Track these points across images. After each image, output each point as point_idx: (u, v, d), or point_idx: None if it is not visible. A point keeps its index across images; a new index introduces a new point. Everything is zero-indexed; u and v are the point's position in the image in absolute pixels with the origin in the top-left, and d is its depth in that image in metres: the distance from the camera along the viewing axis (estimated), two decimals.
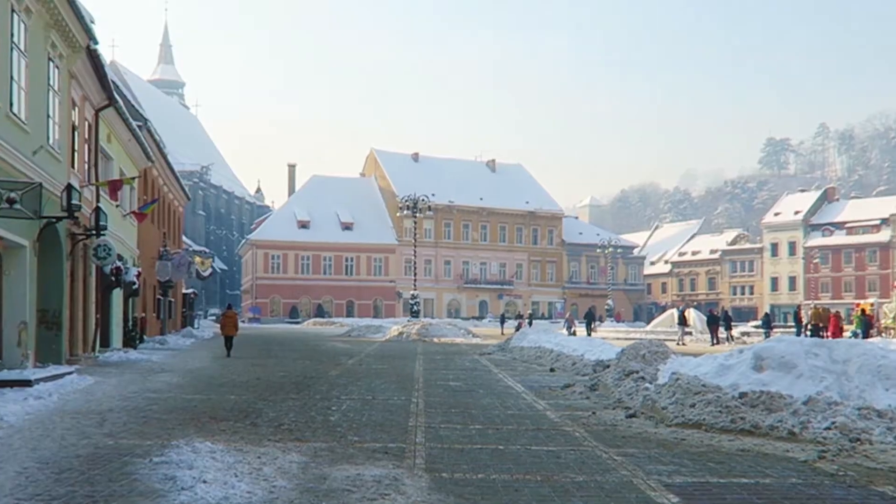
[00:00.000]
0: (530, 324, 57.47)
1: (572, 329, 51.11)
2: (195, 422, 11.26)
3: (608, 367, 17.74)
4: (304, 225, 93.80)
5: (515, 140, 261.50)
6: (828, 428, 10.16)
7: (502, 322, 60.29)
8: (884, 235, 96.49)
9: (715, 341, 39.87)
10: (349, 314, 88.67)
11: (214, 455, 8.36)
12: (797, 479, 7.94)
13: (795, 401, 10.79)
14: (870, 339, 34.29)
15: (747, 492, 7.33)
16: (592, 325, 51.70)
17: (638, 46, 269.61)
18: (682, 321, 43.01)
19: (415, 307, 63.54)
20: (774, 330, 47.67)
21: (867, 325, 37.75)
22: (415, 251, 69.57)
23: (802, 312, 46.00)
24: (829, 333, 34.24)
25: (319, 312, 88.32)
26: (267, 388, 16.01)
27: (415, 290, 65.40)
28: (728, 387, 11.51)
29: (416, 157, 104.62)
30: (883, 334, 38.72)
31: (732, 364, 12.30)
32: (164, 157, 40.69)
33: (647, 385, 13.78)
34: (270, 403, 13.50)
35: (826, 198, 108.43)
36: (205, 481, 7.18)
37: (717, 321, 41.70)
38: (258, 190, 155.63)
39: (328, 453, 8.90)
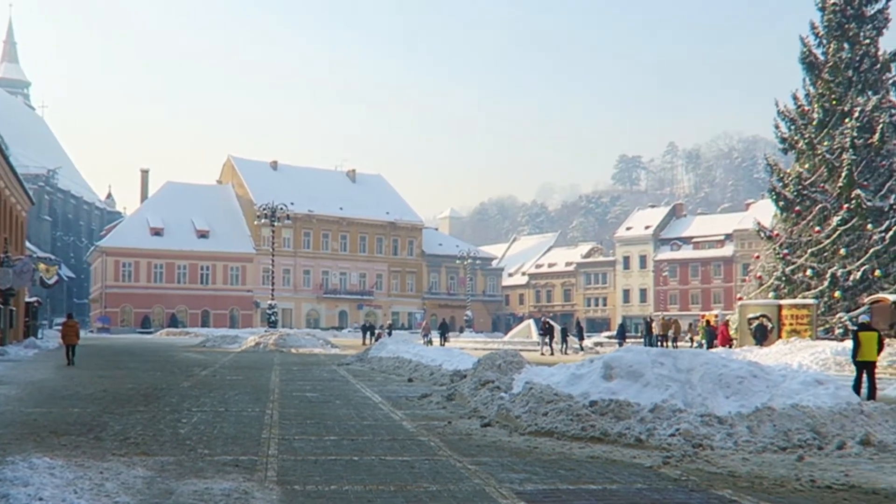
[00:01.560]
0: (389, 334, 57.48)
1: (428, 338, 51.58)
2: (34, 436, 10.68)
3: (465, 377, 17.89)
4: (157, 232, 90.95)
5: (376, 150, 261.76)
6: (672, 434, 10.54)
7: (364, 332, 60.11)
8: (728, 250, 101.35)
9: (551, 352, 41.27)
10: (204, 324, 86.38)
11: (53, 471, 7.92)
12: (643, 484, 8.17)
13: (642, 408, 11.15)
14: (713, 349, 35.92)
15: (595, 498, 7.50)
16: (446, 336, 52.33)
17: (498, 62, 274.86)
18: (545, 332, 44.02)
19: (272, 317, 62.54)
20: (627, 340, 49.40)
21: (711, 335, 39.55)
22: (273, 260, 68.51)
23: (654, 324, 47.67)
24: (717, 343, 35.69)
25: (173, 322, 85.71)
26: (113, 401, 15.37)
27: (272, 299, 64.37)
28: (579, 395, 11.79)
29: (274, 165, 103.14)
30: (726, 344, 40.56)
31: (584, 373, 12.61)
32: (5, 158, 38.65)
33: (503, 394, 13.96)
34: (116, 416, 12.95)
35: (674, 213, 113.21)
36: (41, 499, 6.78)
37: (552, 331, 43.31)
38: (109, 195, 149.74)
39: (176, 467, 8.59)
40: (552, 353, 41.27)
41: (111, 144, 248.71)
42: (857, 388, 15.16)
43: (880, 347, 16.27)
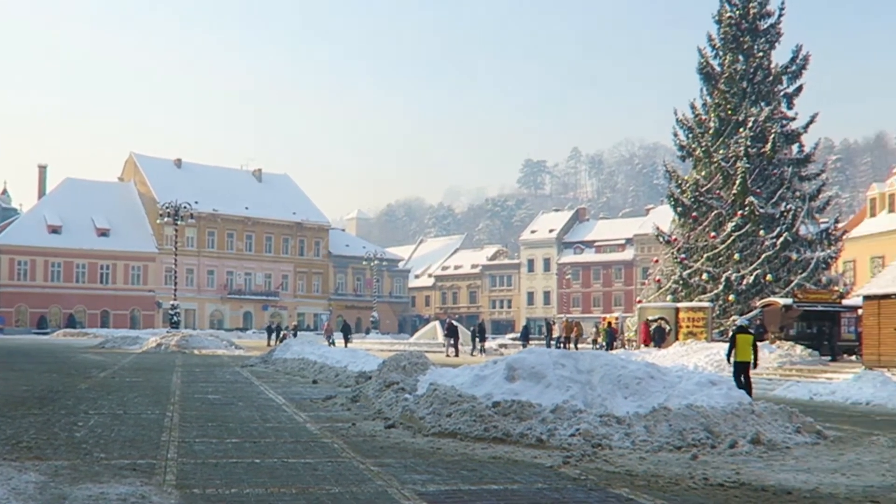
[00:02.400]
0: (295, 335, 56.98)
1: (331, 340, 51.37)
2: None
3: (370, 378, 17.89)
4: (55, 230, 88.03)
5: (283, 150, 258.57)
6: (572, 434, 10.77)
7: (269, 333, 59.43)
8: (628, 254, 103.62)
9: (456, 353, 41.67)
10: (104, 325, 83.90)
11: None
12: (543, 483, 8.33)
13: (544, 409, 11.36)
14: (614, 351, 36.74)
15: (497, 498, 7.61)
16: (349, 337, 52.16)
17: (406, 64, 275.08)
18: (450, 333, 44.24)
19: (175, 318, 61.30)
20: (531, 342, 50.12)
21: (611, 337, 40.44)
22: (176, 260, 67.13)
23: (556, 326, 48.52)
24: (641, 341, 36.35)
25: (71, 323, 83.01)
26: (6, 404, 14.85)
27: (175, 300, 63.09)
28: (483, 396, 11.94)
29: (178, 163, 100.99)
30: (626, 346, 41.51)
31: (487, 375, 12.76)
32: None
33: (407, 396, 14.02)
34: (8, 420, 12.53)
35: (577, 217, 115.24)
36: None
37: (457, 333, 43.71)
38: (4, 191, 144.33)
39: (70, 471, 8.37)
40: (457, 355, 41.56)
41: (6, 138, 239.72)
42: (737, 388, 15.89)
43: (755, 349, 17.22)
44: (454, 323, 47.34)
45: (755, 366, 17.54)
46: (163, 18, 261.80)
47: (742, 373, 17.06)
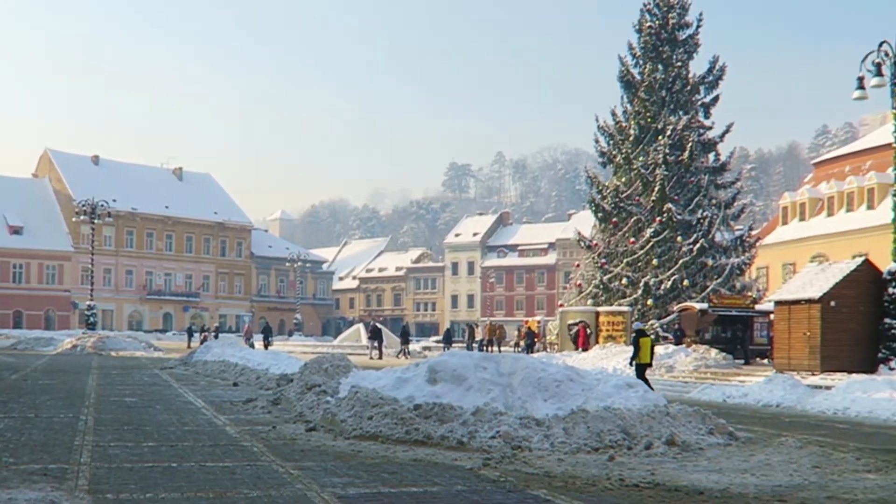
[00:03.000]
0: (216, 337, 56.21)
1: (251, 342, 50.85)
2: None
3: (292, 381, 17.76)
4: None
5: (205, 149, 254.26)
6: (493, 437, 10.88)
7: (189, 335, 58.46)
8: (551, 258, 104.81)
9: (380, 356, 41.76)
10: (17, 326, 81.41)
11: None
12: (463, 485, 8.40)
13: (465, 411, 11.44)
14: (534, 354, 37.17)
15: (416, 500, 7.65)
16: (269, 339, 51.65)
17: (331, 65, 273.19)
18: (374, 336, 44.19)
19: (91, 319, 59.84)
20: (454, 345, 50.40)
21: (531, 340, 41.03)
22: (92, 259, 65.48)
23: (479, 329, 48.85)
24: (579, 345, 36.53)
25: None
26: None
27: (92, 300, 61.56)
28: (404, 399, 11.98)
29: (95, 159, 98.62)
30: (548, 349, 42.04)
31: (409, 377, 12.81)
32: None
33: (329, 398, 13.97)
34: None
35: (501, 221, 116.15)
36: None
37: (381, 335, 43.85)
38: None
39: None
40: (381, 357, 41.56)
41: None
42: None
43: (652, 351, 17.89)
44: (378, 325, 47.32)
45: (650, 366, 18.23)
46: (75, 11, 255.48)
47: (643, 373, 17.61)
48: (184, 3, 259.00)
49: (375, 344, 43.51)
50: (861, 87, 24.62)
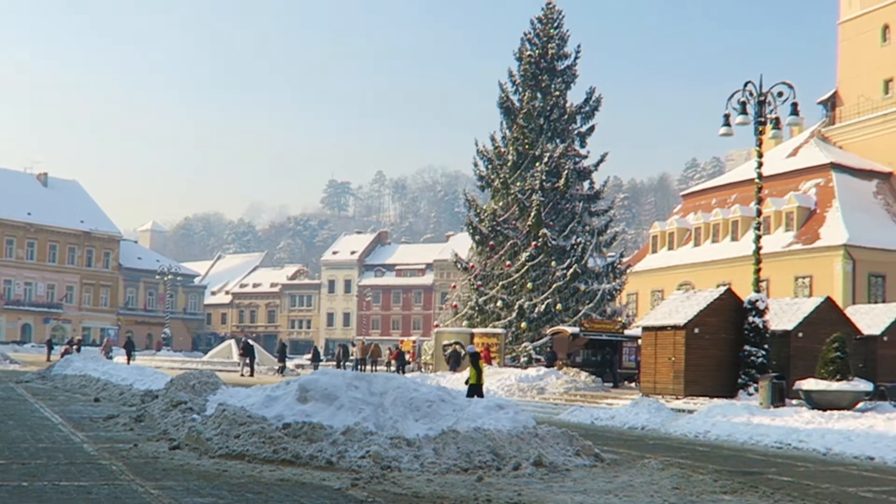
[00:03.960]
0: (78, 350, 53.98)
1: (110, 355, 49.15)
2: None
3: (157, 397, 17.20)
4: None
5: (72, 154, 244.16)
6: (363, 456, 10.77)
7: (49, 347, 55.95)
8: (428, 279, 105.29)
9: (251, 373, 41.11)
10: None
11: None
12: None
13: (335, 431, 11.30)
14: (409, 374, 37.16)
15: None
16: (132, 353, 49.94)
17: (208, 74, 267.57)
18: (246, 352, 43.35)
19: None
20: (324, 363, 49.95)
21: (402, 360, 41.25)
22: None
23: (356, 348, 48.51)
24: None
25: None
26: None
27: None
28: (273, 418, 11.74)
29: None
30: (423, 369, 42.10)
31: (279, 395, 12.57)
32: None
33: (195, 416, 13.58)
34: None
35: (380, 241, 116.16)
36: None
37: (252, 352, 43.19)
38: None
39: None
40: (252, 374, 40.80)
41: None
42: None
43: (480, 374, 19.23)
44: (250, 342, 46.46)
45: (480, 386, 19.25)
46: None
47: (476, 393, 18.05)
48: (52, 3, 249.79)
49: (247, 361, 42.69)
50: (727, 124, 25.71)
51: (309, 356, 62.55)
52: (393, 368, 44.32)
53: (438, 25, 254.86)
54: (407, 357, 44.50)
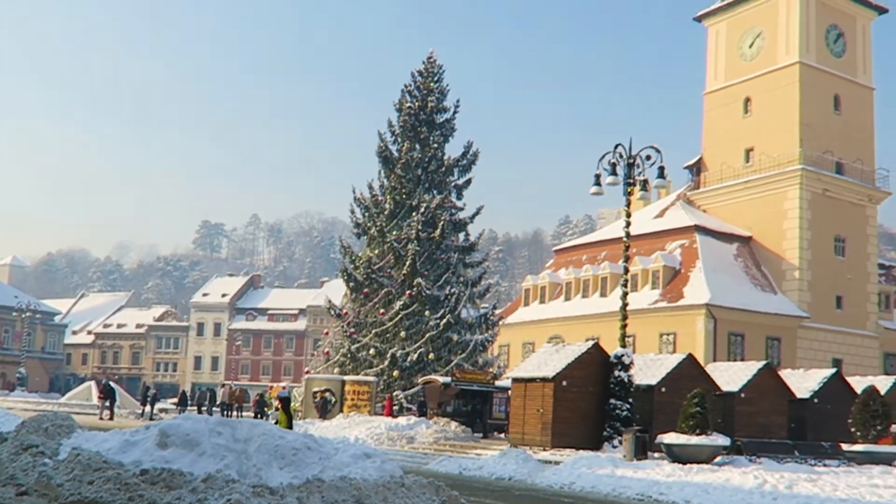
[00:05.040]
0: None
1: None
2: None
3: (6, 440, 16.24)
4: None
5: None
6: None
7: None
8: (301, 324, 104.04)
9: (111, 416, 39.73)
10: None
11: None
12: None
13: (195, 478, 10.91)
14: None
15: None
16: None
17: (78, 106, 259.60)
18: (107, 395, 41.77)
19: None
20: (191, 408, 48.45)
21: (262, 407, 40.91)
22: None
23: (223, 392, 47.29)
24: (385, 414, 35.50)
25: None
26: None
27: None
28: (130, 463, 11.25)
29: None
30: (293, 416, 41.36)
31: (138, 440, 12.07)
32: None
33: (46, 460, 12.87)
34: None
35: (252, 284, 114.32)
36: None
37: (113, 395, 41.88)
38: None
39: None
40: (111, 418, 39.24)
41: None
42: None
43: (290, 421, 19.52)
44: (111, 384, 44.77)
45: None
46: None
47: None
48: None
49: (107, 404, 41.06)
50: (598, 183, 26.57)
51: (175, 400, 60.68)
52: (258, 415, 43.45)
53: (318, 72, 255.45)
54: (275, 403, 43.62)
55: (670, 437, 22.08)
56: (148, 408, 44.11)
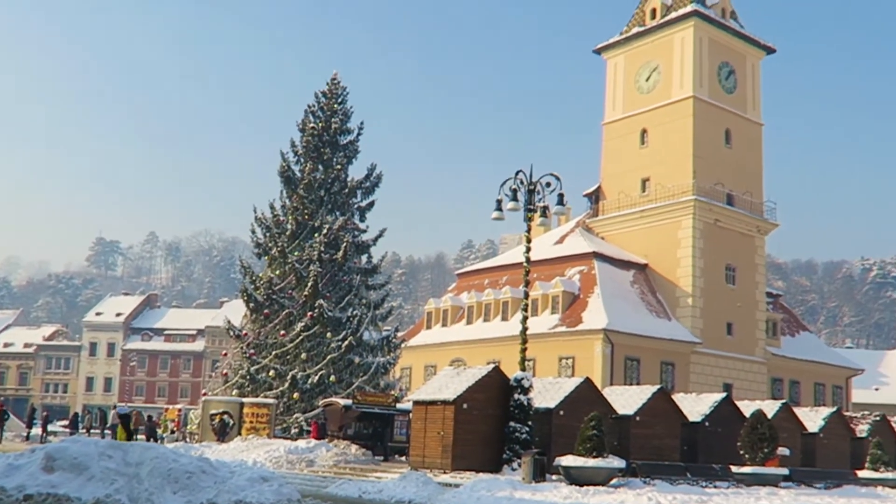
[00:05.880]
0: None
1: None
2: None
3: None
4: None
5: None
6: None
7: None
8: (199, 345, 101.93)
9: None
10: None
11: None
12: None
13: (84, 503, 10.59)
14: (172, 444, 35.58)
15: None
16: None
17: None
18: None
19: None
20: (89, 431, 46.92)
21: (152, 430, 39.96)
22: None
23: (113, 414, 46.00)
24: (312, 436, 34.50)
25: None
26: None
27: None
28: (13, 488, 10.83)
29: None
30: (188, 439, 40.41)
31: (22, 464, 11.63)
32: None
33: None
34: None
35: (149, 303, 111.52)
36: None
37: (3, 417, 40.27)
38: None
39: None
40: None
41: None
42: None
43: (130, 437, 18.93)
44: (2, 406, 42.97)
45: None
46: None
47: None
48: None
49: None
50: (499, 208, 26.91)
51: (66, 422, 58.73)
52: (156, 439, 42.36)
53: (217, 90, 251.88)
54: (171, 426, 42.65)
55: (568, 460, 22.38)
56: (37, 430, 42.49)
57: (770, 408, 31.86)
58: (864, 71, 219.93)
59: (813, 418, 34.82)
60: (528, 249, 27.62)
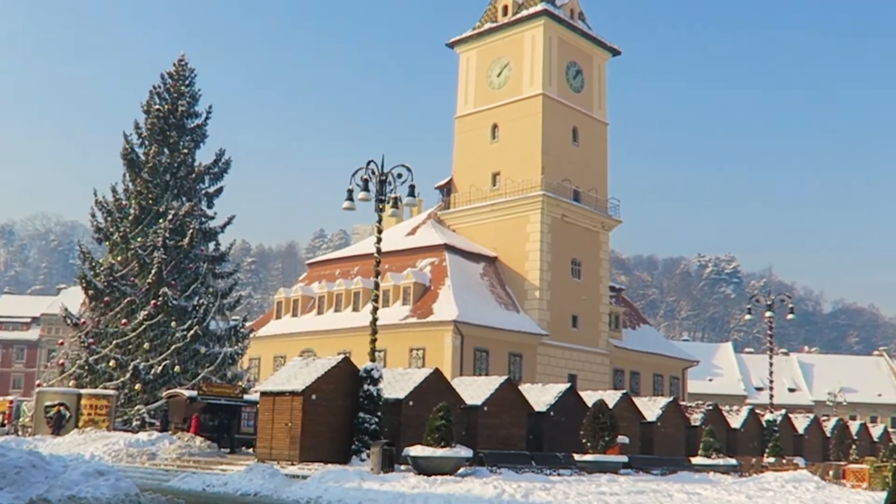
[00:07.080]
0: None
1: None
2: None
3: None
4: None
5: None
6: None
7: None
8: (33, 334, 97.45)
9: None
10: None
11: None
12: None
13: None
14: (2, 438, 33.74)
15: None
16: None
17: None
18: None
19: None
20: None
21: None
22: None
23: None
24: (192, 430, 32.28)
25: None
26: None
27: None
28: None
29: None
30: (20, 432, 38.45)
31: None
32: None
33: None
34: None
35: None
36: None
37: None
38: None
39: None
40: None
41: None
42: None
43: None
44: None
45: None
46: None
47: None
48: None
49: None
50: (350, 198, 26.80)
51: None
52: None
53: (60, 67, 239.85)
54: (1, 419, 40.41)
55: (416, 450, 22.55)
56: None
57: (611, 398, 33.08)
58: (703, 76, 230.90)
59: (651, 408, 36.43)
60: (380, 240, 27.64)
